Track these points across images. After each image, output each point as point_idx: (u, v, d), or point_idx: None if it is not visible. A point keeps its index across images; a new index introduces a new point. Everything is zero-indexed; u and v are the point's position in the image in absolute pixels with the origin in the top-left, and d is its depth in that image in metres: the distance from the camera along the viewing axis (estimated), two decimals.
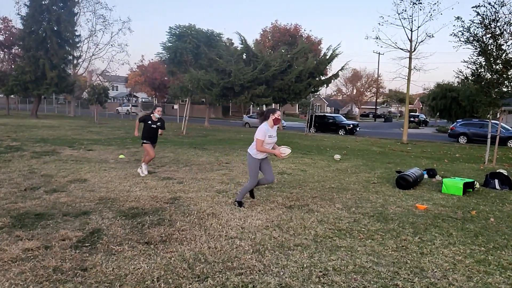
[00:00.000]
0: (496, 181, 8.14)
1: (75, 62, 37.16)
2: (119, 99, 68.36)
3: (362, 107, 65.95)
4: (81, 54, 37.70)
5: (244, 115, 36.86)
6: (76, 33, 34.47)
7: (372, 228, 5.01)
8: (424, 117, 48.57)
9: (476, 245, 4.51)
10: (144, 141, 8.14)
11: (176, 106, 37.93)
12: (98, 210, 5.37)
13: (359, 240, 4.54)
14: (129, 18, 62.33)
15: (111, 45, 35.23)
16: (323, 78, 17.12)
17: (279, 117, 5.79)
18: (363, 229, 4.96)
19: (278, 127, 28.44)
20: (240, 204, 5.88)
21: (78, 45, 35.76)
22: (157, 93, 38.17)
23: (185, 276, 3.47)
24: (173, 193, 6.64)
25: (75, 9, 34.89)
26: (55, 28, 31.45)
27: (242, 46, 15.01)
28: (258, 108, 17.97)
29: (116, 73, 40.79)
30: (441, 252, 4.23)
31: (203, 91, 15.28)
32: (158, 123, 8.16)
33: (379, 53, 51.10)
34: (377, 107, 61.86)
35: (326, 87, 16.15)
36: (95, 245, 4.06)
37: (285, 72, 14.87)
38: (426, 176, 9.06)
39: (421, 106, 61.04)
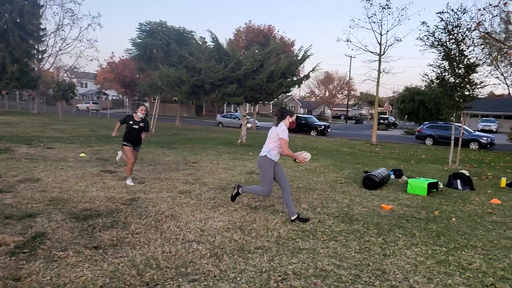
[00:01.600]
0: (459, 181, 8.26)
1: (39, 56, 35.59)
2: (88, 96, 66.33)
3: (334, 109, 66.89)
4: (47, 48, 36.15)
5: (218, 115, 36.50)
6: (41, 27, 33.06)
7: (336, 229, 4.89)
8: (393, 119, 49.75)
9: (438, 245, 4.46)
10: (124, 143, 7.10)
11: (146, 104, 37.15)
12: (47, 212, 4.98)
13: (322, 242, 4.40)
14: (99, 13, 60.32)
15: (80, 40, 33.89)
16: (295, 78, 17.06)
17: (295, 121, 5.38)
18: (327, 230, 4.83)
19: (251, 127, 28.06)
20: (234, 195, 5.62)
21: (43, 39, 34.29)
22: (127, 90, 37.13)
23: (132, 284, 3.21)
24: (132, 193, 6.31)
25: (40, 1, 33.45)
26: (18, 20, 30.00)
27: (214, 44, 14.71)
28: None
29: (84, 69, 39.54)
30: (404, 253, 4.15)
31: (173, 88, 14.87)
32: (141, 124, 7.13)
33: (350, 56, 51.97)
34: (349, 109, 62.89)
35: (297, 88, 16.21)
36: (35, 251, 3.71)
37: (257, 71, 14.71)
38: (392, 176, 9.11)
39: (391, 109, 62.58)
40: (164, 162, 9.86)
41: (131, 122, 7.10)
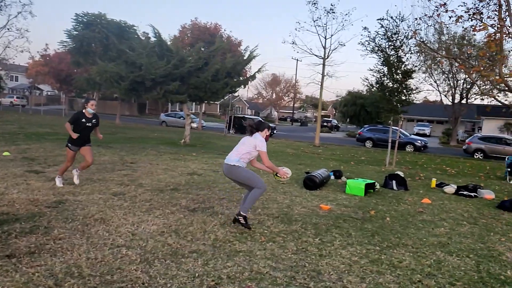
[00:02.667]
0: (394, 182, 8.64)
1: None
2: (19, 90, 61.46)
3: (280, 111, 67.99)
4: None
5: (162, 114, 35.47)
6: None
7: (275, 230, 4.83)
8: (336, 122, 51.62)
9: (372, 244, 4.56)
10: (69, 145, 6.40)
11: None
12: None
13: (260, 244, 4.30)
14: (31, 1, 55.96)
15: (8, 29, 31.02)
16: (241, 79, 16.98)
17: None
18: (265, 231, 4.75)
19: (197, 127, 27.57)
20: (245, 222, 4.74)
21: None
22: (63, 86, 34.74)
23: None
24: (60, 195, 5.81)
25: None
26: None
27: (156, 39, 14.17)
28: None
29: (13, 61, 36.38)
30: (339, 253, 4.17)
31: (112, 84, 14.10)
32: (94, 120, 6.47)
33: (297, 59, 53.13)
34: (295, 111, 64.32)
35: (243, 88, 16.09)
36: None
37: (202, 69, 14.39)
38: (332, 177, 9.32)
39: (334, 112, 64.86)
40: (99, 162, 9.28)
41: (83, 120, 6.34)
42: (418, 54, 22.40)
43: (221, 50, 15.84)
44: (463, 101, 31.36)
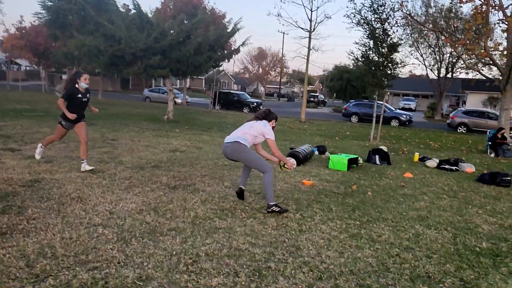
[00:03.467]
0: (377, 156, 8.68)
1: None
2: None
3: (267, 86, 67.45)
4: None
5: (145, 89, 34.79)
6: None
7: (256, 206, 4.80)
8: (323, 97, 51.58)
9: (352, 219, 4.57)
10: (63, 123, 6.01)
11: (64, 76, 34.05)
12: None
13: (240, 220, 4.27)
14: None
15: None
16: (225, 52, 16.57)
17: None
18: (247, 208, 4.72)
19: (181, 103, 27.13)
20: (279, 209, 4.49)
21: None
22: (41, 60, 33.47)
23: (18, 277, 2.79)
24: (36, 174, 5.64)
25: None
26: None
27: (136, 11, 13.62)
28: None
29: None
30: (319, 228, 4.17)
31: (91, 59, 13.62)
32: (88, 95, 6.08)
33: (283, 33, 52.31)
34: (281, 86, 63.87)
35: (227, 62, 15.75)
36: None
37: (184, 43, 13.96)
38: (316, 152, 9.31)
39: (321, 87, 64.67)
40: (79, 140, 9.03)
41: (79, 95, 5.90)
42: (405, 27, 22.25)
43: (204, 23, 15.37)
44: (449, 75, 31.55)
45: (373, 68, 11.93)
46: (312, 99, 46.95)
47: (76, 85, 5.91)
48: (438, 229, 4.46)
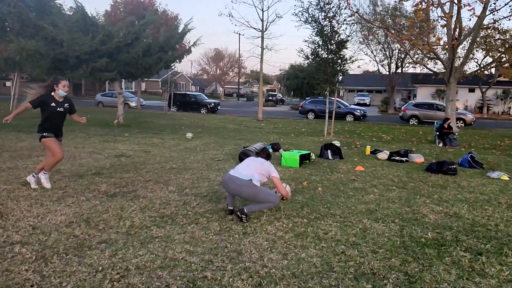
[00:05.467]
0: (329, 151, 8.65)
1: None
2: None
3: (226, 86, 67.05)
4: None
5: (98, 94, 33.37)
6: None
7: (200, 211, 4.52)
8: (281, 96, 51.99)
9: (300, 217, 4.42)
10: (45, 133, 5.10)
11: (8, 83, 32.01)
12: None
13: (180, 227, 3.98)
14: None
15: None
16: (177, 53, 16.10)
17: None
18: (189, 213, 4.43)
19: (136, 106, 26.20)
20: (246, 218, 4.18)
21: None
22: None
23: None
24: None
25: None
26: None
27: (78, 12, 12.88)
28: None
29: None
30: (265, 229, 3.97)
31: (33, 63, 12.73)
32: (66, 105, 5.21)
33: (239, 34, 52.22)
34: (240, 86, 63.71)
35: (179, 63, 15.31)
36: None
37: (132, 44, 13.41)
38: (270, 150, 9.14)
39: (280, 86, 65.17)
40: (15, 149, 8.36)
41: (53, 104, 5.06)
42: (353, 24, 22.77)
43: (153, 24, 14.83)
44: (399, 71, 32.71)
45: (322, 65, 11.99)
46: (270, 98, 47.18)
47: (52, 93, 5.12)
48: (386, 222, 4.40)
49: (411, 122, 23.51)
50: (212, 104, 27.77)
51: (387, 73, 33.15)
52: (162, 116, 21.17)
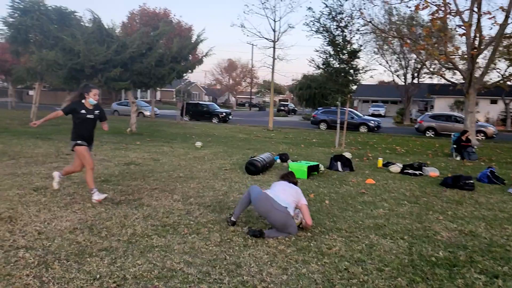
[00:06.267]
0: (339, 163, 8.54)
1: None
2: None
3: (239, 96, 67.35)
4: None
5: (114, 103, 33.95)
6: None
7: (202, 221, 4.49)
8: (293, 106, 51.92)
9: (304, 230, 4.33)
10: (78, 141, 5.13)
11: (31, 92, 32.88)
12: None
13: (181, 236, 3.95)
14: None
15: None
16: (190, 63, 16.28)
17: None
18: (191, 223, 4.40)
19: (150, 115, 26.52)
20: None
21: None
22: (8, 77, 32.22)
23: None
24: None
25: None
26: None
27: (94, 24, 13.19)
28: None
29: None
30: (266, 242, 3.90)
31: (50, 73, 13.09)
32: (96, 112, 5.24)
33: (252, 44, 52.61)
34: (252, 96, 63.94)
35: (191, 73, 15.45)
36: None
37: (145, 55, 13.64)
38: (278, 160, 9.10)
39: (293, 96, 65.18)
40: (31, 155, 8.53)
41: (83, 111, 5.10)
42: (367, 33, 22.70)
43: (166, 35, 15.05)
44: (415, 81, 32.31)
45: (334, 74, 11.92)
46: (282, 108, 47.16)
47: (83, 101, 5.17)
48: (394, 238, 4.27)
49: (428, 134, 23.10)
50: (224, 113, 27.93)
51: (403, 83, 32.79)
52: (174, 125, 21.35)
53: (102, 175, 6.76)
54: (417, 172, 8.51)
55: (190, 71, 15.84)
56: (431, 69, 24.36)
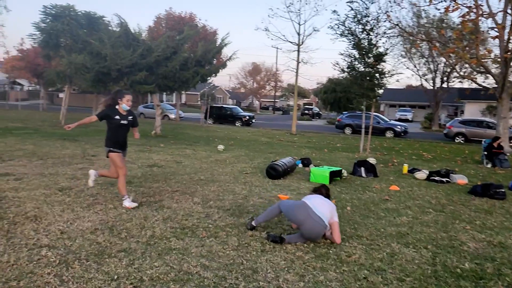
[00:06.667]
0: (363, 169, 8.36)
1: None
2: (0, 86, 59.64)
3: (263, 100, 67.42)
4: None
5: (140, 106, 34.69)
6: None
7: (221, 224, 4.48)
8: (318, 109, 51.46)
9: (324, 237, 4.24)
10: (112, 148, 5.07)
11: (61, 95, 34.13)
12: None
13: (199, 240, 3.95)
14: None
15: None
16: (214, 66, 16.43)
17: None
18: (210, 226, 4.40)
19: (175, 118, 26.94)
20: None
21: None
22: (40, 80, 33.62)
23: None
24: (0, 192, 5.36)
25: None
26: None
27: (121, 28, 13.54)
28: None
29: None
30: (284, 248, 3.85)
31: (78, 76, 13.54)
32: (130, 118, 5.17)
33: (277, 48, 52.54)
34: (276, 100, 63.88)
35: (215, 76, 15.60)
36: None
37: (170, 58, 13.87)
38: (300, 165, 9.01)
39: (317, 100, 64.72)
40: (59, 156, 8.80)
41: (117, 117, 5.03)
42: (394, 37, 22.20)
43: (191, 39, 15.26)
44: (444, 85, 31.39)
45: (359, 78, 11.72)
46: (306, 111, 46.86)
47: (117, 106, 5.11)
48: (417, 247, 4.12)
49: (457, 140, 22.34)
50: (247, 117, 28.01)
51: (431, 87, 31.91)
52: (198, 128, 21.59)
53: (125, 177, 6.88)
54: (444, 179, 8.23)
55: (214, 75, 16.00)
56: (462, 73, 23.59)
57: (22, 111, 29.19)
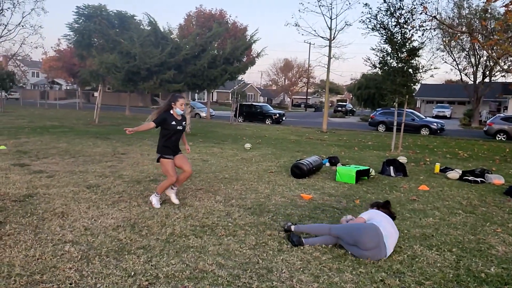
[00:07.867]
0: (391, 168, 8.12)
1: None
2: (41, 86, 62.83)
3: (294, 97, 66.84)
4: None
5: None
6: None
7: (240, 223, 4.50)
8: (351, 106, 50.43)
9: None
10: (165, 155, 4.98)
11: (96, 94, 35.49)
12: None
13: (217, 238, 3.99)
14: None
15: (23, 26, 31.32)
16: (240, 64, 16.41)
17: None
18: (229, 224, 4.43)
19: (205, 116, 27.30)
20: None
21: None
22: (76, 79, 35.16)
23: None
24: (33, 189, 5.66)
25: None
26: None
27: (150, 27, 13.85)
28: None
29: (30, 58, 36.97)
30: (302, 248, 3.80)
31: (110, 75, 14.01)
32: (184, 123, 5.10)
33: (309, 43, 51.92)
34: (309, 97, 63.17)
35: (243, 74, 15.63)
36: None
37: (198, 57, 14.03)
38: (327, 164, 8.87)
39: (351, 96, 63.51)
40: (90, 154, 9.14)
41: (173, 122, 4.91)
42: (431, 30, 21.28)
43: (220, 36, 15.36)
44: (486, 80, 29.86)
45: (391, 74, 11.33)
46: (339, 108, 46.08)
47: (171, 111, 4.98)
48: (441, 250, 3.96)
49: (498, 137, 21.21)
50: (277, 114, 27.90)
51: (472, 82, 30.45)
52: (227, 126, 21.75)
53: (152, 175, 7.05)
54: (478, 179, 7.83)
55: (242, 72, 16.02)
56: (505, 67, 22.28)
57: (59, 110, 30.60)
